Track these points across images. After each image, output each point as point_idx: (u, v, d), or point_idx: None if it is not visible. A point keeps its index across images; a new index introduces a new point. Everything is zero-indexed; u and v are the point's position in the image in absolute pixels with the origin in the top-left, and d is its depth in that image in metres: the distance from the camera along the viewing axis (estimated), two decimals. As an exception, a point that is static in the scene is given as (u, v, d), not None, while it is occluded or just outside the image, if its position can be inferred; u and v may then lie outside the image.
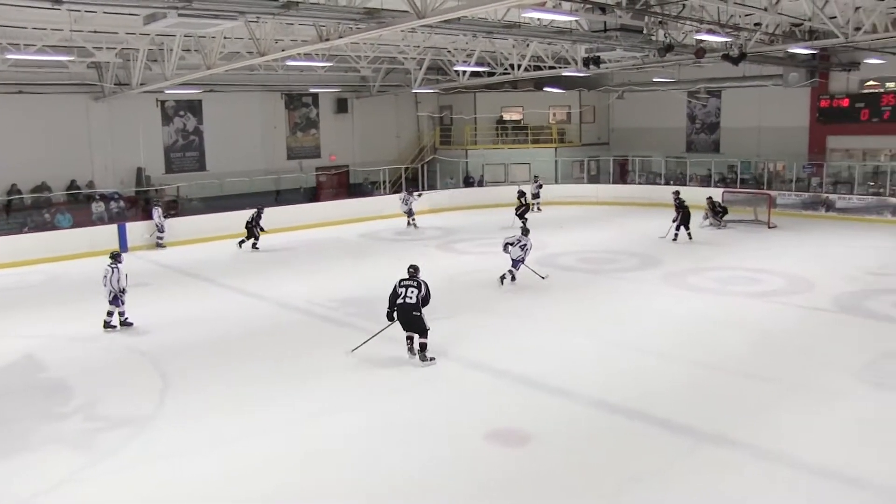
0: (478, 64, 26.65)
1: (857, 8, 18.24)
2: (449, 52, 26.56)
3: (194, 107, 29.28)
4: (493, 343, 12.82)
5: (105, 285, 13.80)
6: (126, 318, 14.11)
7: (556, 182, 33.42)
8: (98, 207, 25.01)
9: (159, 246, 23.13)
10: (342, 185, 33.56)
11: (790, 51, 22.58)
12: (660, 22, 18.11)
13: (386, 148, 35.07)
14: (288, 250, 22.38)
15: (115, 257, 14.05)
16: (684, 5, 17.68)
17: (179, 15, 11.50)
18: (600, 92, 35.71)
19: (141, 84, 22.67)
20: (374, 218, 27.68)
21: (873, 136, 28.41)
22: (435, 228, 25.71)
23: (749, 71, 27.75)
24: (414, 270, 12.09)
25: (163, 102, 28.33)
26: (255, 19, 14.84)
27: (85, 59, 21.19)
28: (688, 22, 18.24)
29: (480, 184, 33.46)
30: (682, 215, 21.98)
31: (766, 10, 16.79)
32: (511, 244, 16.89)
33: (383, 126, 35.39)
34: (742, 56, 20.37)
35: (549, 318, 14.43)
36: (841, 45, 21.50)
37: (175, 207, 26.22)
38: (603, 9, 16.52)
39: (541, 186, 29.68)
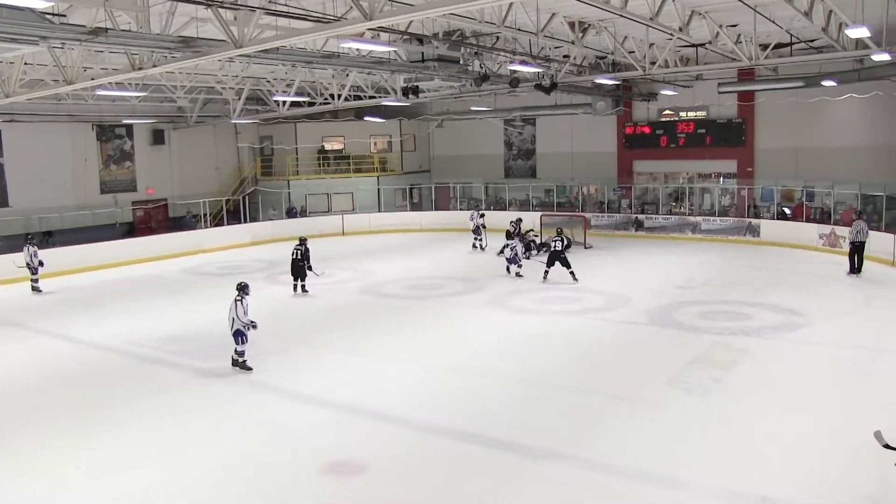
0: (298, 94, 26.50)
1: (651, 44, 19.69)
2: (268, 81, 26.28)
3: (-7, 138, 27.34)
4: (323, 374, 12.67)
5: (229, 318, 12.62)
6: (245, 361, 12.74)
7: (380, 210, 33.72)
8: None
9: (35, 290, 20.57)
10: (161, 219, 32.28)
11: (596, 81, 23.96)
12: (475, 53, 18.77)
13: (206, 180, 34.13)
14: (104, 289, 21.12)
15: (242, 289, 12.73)
16: (498, 37, 18.40)
17: (-30, 38, 10.65)
18: (420, 121, 36.40)
19: (-73, 113, 20.85)
20: (195, 252, 26.76)
21: (672, 160, 30.71)
22: (259, 261, 25.18)
23: (561, 100, 29.24)
24: (561, 230, 20.39)
25: (-45, 133, 26.30)
26: (59, 45, 13.93)
27: None
28: (502, 53, 18.99)
29: (303, 214, 33.16)
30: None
31: (573, 43, 17.73)
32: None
33: (202, 157, 34.46)
34: (553, 86, 21.46)
35: (379, 345, 14.42)
36: (640, 77, 23.03)
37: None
38: (420, 40, 16.96)
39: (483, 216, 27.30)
